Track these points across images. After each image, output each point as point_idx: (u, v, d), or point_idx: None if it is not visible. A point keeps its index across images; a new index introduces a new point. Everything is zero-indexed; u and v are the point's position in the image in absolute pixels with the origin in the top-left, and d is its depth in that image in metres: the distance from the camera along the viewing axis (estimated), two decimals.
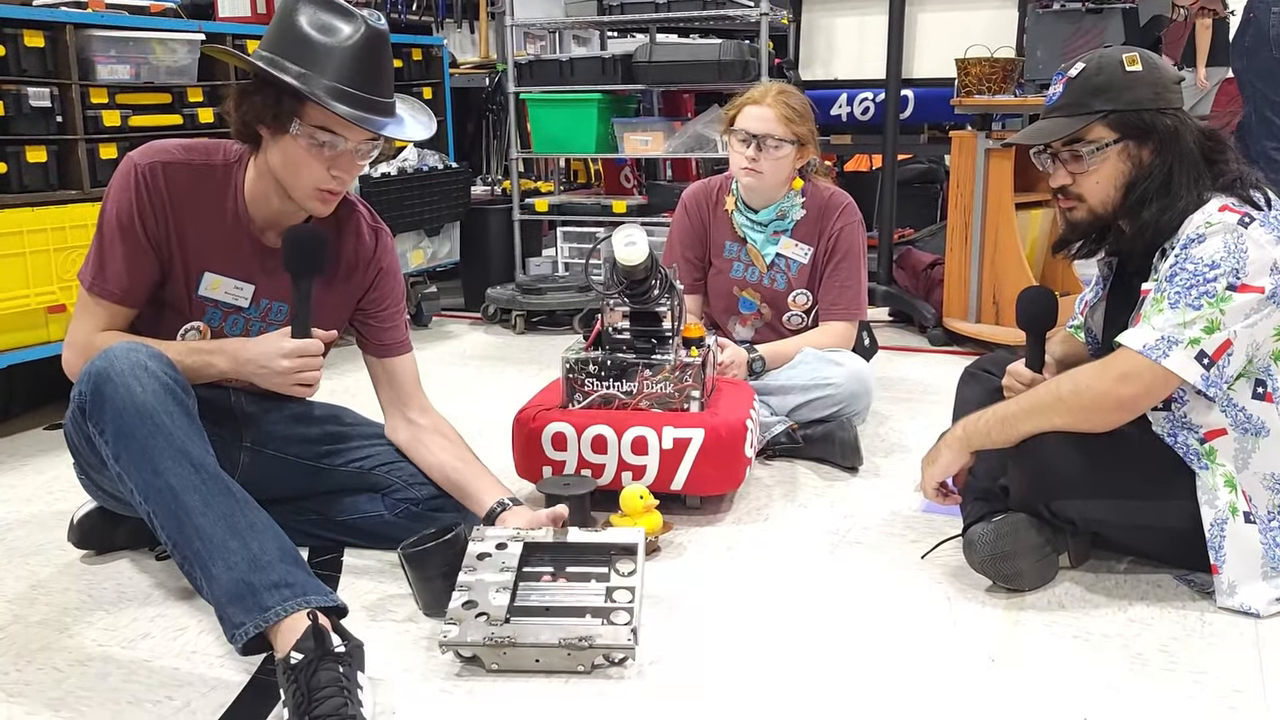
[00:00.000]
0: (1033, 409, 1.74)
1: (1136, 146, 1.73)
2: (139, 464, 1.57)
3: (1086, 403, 1.68)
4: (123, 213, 1.76)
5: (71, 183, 2.80)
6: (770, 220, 2.67)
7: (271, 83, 1.67)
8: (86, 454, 1.76)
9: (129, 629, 1.72)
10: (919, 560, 1.92)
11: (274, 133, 1.72)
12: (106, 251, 1.77)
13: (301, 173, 1.72)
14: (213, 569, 1.51)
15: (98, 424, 1.61)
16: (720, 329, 2.81)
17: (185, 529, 1.53)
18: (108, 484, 1.77)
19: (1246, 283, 1.61)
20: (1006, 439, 1.76)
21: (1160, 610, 1.72)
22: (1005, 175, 3.43)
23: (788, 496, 2.26)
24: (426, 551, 1.69)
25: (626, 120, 4.29)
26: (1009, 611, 1.73)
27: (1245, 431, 1.68)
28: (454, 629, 1.57)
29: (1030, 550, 1.76)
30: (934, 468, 1.85)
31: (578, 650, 1.55)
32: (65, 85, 2.76)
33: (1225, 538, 1.67)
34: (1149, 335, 1.64)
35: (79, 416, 1.65)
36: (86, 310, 1.79)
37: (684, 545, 2.01)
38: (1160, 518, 1.72)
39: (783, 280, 2.69)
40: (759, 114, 2.55)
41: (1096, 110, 1.73)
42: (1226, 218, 1.63)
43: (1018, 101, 3.49)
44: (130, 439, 1.57)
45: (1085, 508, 1.74)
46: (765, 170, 2.57)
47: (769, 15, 3.91)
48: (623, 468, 2.09)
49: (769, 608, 1.77)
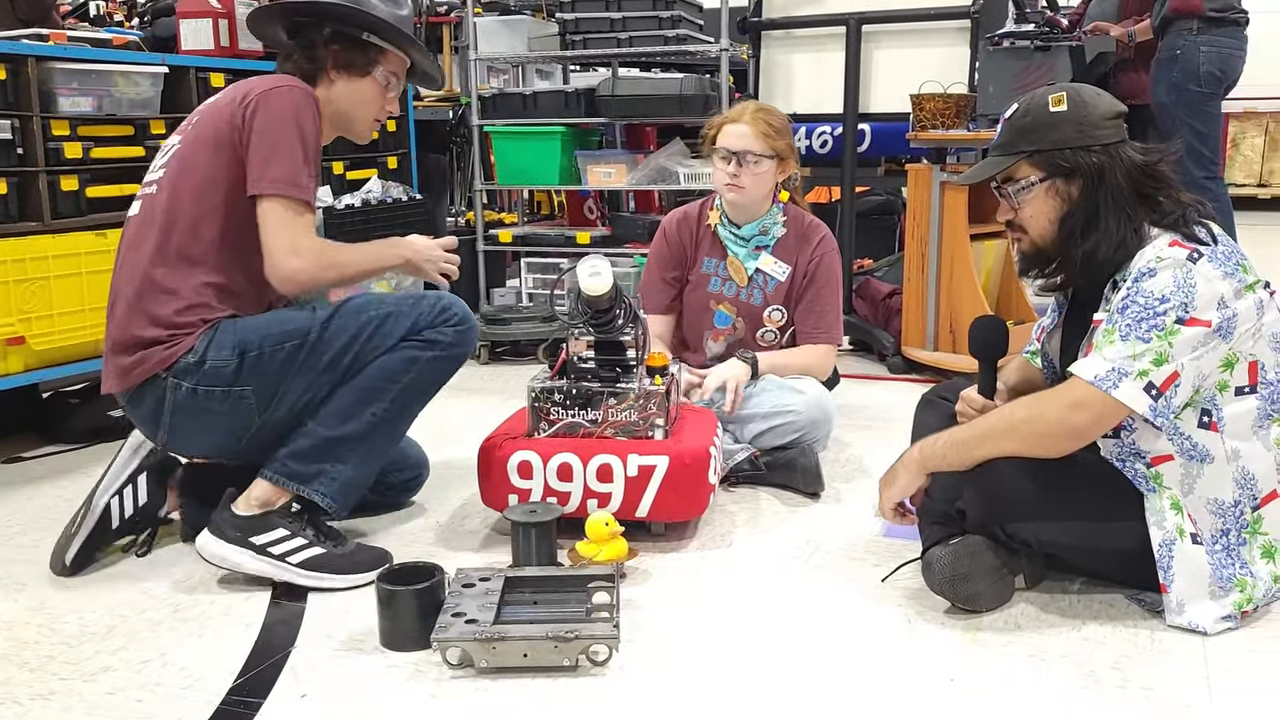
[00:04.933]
0: (987, 434, 1.78)
1: (1064, 183, 1.79)
2: (418, 398, 2.05)
3: (1039, 429, 1.73)
4: (316, 131, 2.01)
5: (32, 214, 2.78)
6: (753, 235, 2.74)
7: (381, 33, 2.08)
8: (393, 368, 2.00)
9: (91, 662, 1.71)
10: (880, 583, 1.95)
11: (353, 75, 2.10)
12: (307, 163, 1.97)
13: (369, 108, 2.14)
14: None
15: (446, 357, 2.03)
16: (689, 347, 2.85)
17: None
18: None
19: (1194, 316, 1.66)
20: (961, 462, 1.81)
21: (1112, 629, 1.76)
22: (960, 207, 3.51)
23: (751, 522, 2.29)
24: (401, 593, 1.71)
25: (590, 153, 4.33)
26: (967, 632, 1.77)
27: (1191, 458, 1.73)
28: (446, 630, 1.62)
29: (987, 572, 1.80)
30: (891, 489, 1.89)
31: (564, 643, 1.60)
32: (26, 117, 2.75)
33: (1173, 558, 1.72)
34: (1100, 366, 1.69)
35: (427, 337, 1.99)
36: (300, 217, 1.95)
37: (649, 571, 2.04)
38: (1110, 539, 1.77)
39: (759, 296, 2.75)
40: (738, 131, 2.65)
41: (1021, 150, 1.80)
42: (1176, 253, 1.68)
43: (970, 136, 3.58)
44: (434, 381, 2.06)
45: (1039, 530, 1.78)
46: (747, 185, 2.65)
47: (729, 51, 3.98)
48: (588, 495, 2.11)
49: (733, 631, 1.79)
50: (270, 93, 1.98)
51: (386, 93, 2.15)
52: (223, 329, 1.94)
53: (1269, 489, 1.76)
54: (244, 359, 1.92)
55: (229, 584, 2.00)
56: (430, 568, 1.77)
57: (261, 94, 1.97)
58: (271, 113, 1.96)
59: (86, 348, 2.86)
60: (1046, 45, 4.12)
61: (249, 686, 1.63)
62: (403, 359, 1.98)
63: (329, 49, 2.08)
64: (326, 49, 2.08)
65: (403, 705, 1.57)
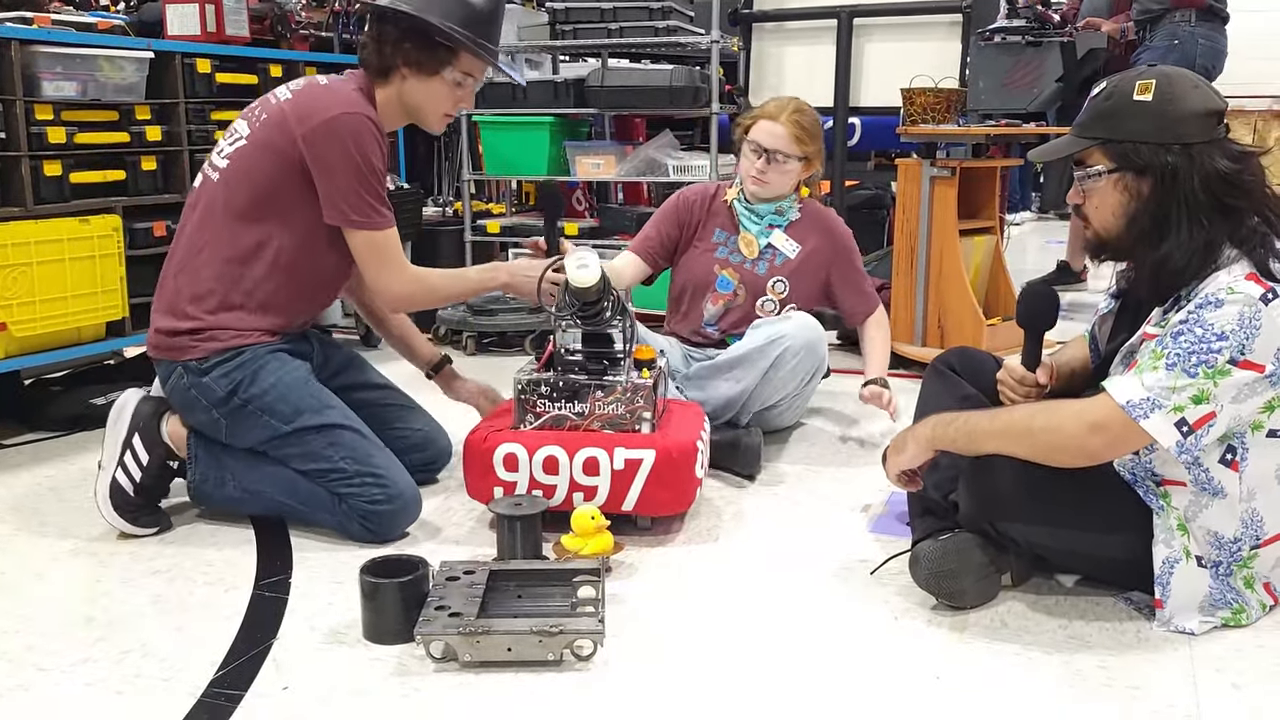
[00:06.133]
0: (1001, 432, 1.72)
1: (1135, 179, 1.66)
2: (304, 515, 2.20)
3: (1055, 442, 1.65)
4: (379, 153, 2.09)
5: (14, 199, 2.74)
6: (767, 214, 2.82)
7: (441, 38, 2.11)
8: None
9: (70, 653, 1.69)
10: (867, 577, 1.95)
11: (423, 74, 2.14)
12: (375, 189, 2.09)
13: (439, 105, 2.19)
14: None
15: (346, 525, 2.13)
16: (680, 304, 2.90)
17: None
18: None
19: (1250, 359, 1.55)
20: (970, 451, 1.77)
21: (1099, 628, 1.76)
22: (950, 203, 3.51)
23: (737, 517, 2.29)
24: (384, 586, 1.70)
25: (578, 144, 4.31)
26: (954, 629, 1.76)
27: (1203, 490, 1.67)
28: (429, 624, 1.61)
29: (974, 569, 1.79)
30: (899, 457, 1.87)
31: (549, 637, 1.59)
32: (9, 101, 2.71)
33: (1174, 575, 1.70)
34: (1135, 391, 1.59)
35: (353, 510, 2.10)
36: (393, 244, 2.14)
37: (635, 565, 2.03)
38: (1102, 548, 1.75)
39: (764, 267, 2.80)
40: (773, 130, 2.72)
41: (1095, 136, 1.69)
42: (1250, 288, 1.56)
43: (961, 131, 3.57)
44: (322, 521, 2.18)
45: (1028, 532, 1.77)
46: (772, 182, 2.75)
47: (720, 43, 3.96)
48: (574, 489, 2.10)
49: (718, 626, 1.79)
50: (330, 123, 2.05)
51: (457, 90, 2.19)
52: (241, 361, 2.10)
53: (1273, 532, 1.70)
54: (232, 397, 2.09)
55: (210, 575, 1.98)
56: (414, 560, 1.76)
57: (321, 124, 2.05)
58: (334, 146, 2.04)
59: (68, 335, 2.84)
60: (1038, 41, 4.11)
61: (230, 679, 1.61)
62: (326, 502, 2.12)
63: (399, 47, 2.13)
64: (397, 47, 2.13)
65: (385, 699, 1.56)
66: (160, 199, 3.11)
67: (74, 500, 2.31)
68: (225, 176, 2.13)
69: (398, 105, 2.19)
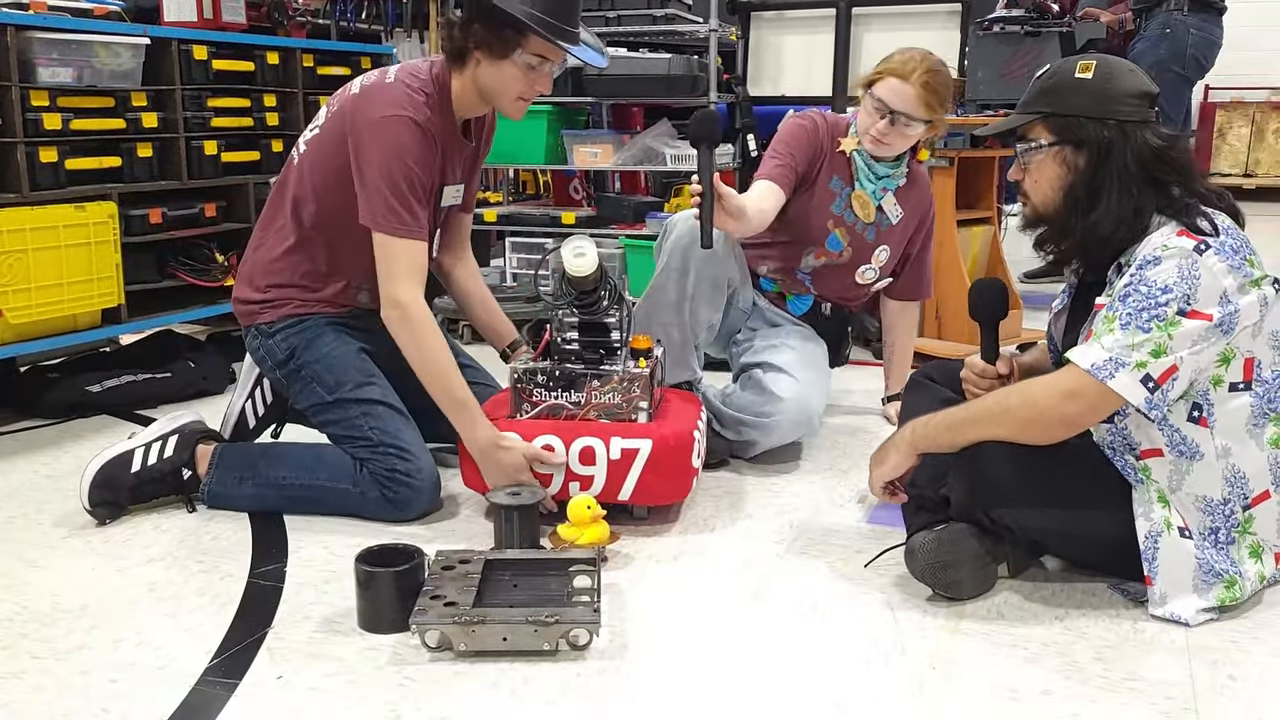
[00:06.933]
0: (979, 417, 1.76)
1: (1073, 152, 1.75)
2: (317, 505, 2.24)
3: (1032, 415, 1.70)
4: (423, 169, 2.09)
5: (10, 186, 2.73)
6: (885, 175, 2.65)
7: (508, 22, 2.04)
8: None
9: (64, 641, 1.69)
10: (863, 569, 1.95)
11: (494, 57, 2.09)
12: (413, 201, 2.08)
13: (512, 88, 2.13)
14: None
15: (364, 502, 2.19)
16: (774, 242, 2.65)
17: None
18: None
19: (1196, 309, 1.62)
20: (952, 444, 1.79)
21: (1095, 619, 1.76)
22: (948, 192, 3.50)
23: (734, 507, 2.28)
24: (380, 575, 1.70)
25: (576, 132, 4.29)
26: (950, 620, 1.76)
27: (1180, 454, 1.71)
28: (424, 613, 1.60)
29: (970, 559, 1.79)
30: (881, 468, 1.88)
31: (544, 626, 1.59)
32: (5, 87, 2.69)
33: (1159, 550, 1.72)
34: (1097, 354, 1.65)
35: (373, 478, 2.15)
36: (403, 256, 2.08)
37: (631, 555, 2.02)
38: (1094, 527, 1.77)
39: (873, 234, 2.67)
40: (902, 91, 2.48)
41: (1038, 110, 1.77)
42: (1183, 243, 1.64)
43: (959, 120, 3.56)
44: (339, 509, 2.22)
45: (1022, 516, 1.78)
46: (892, 144, 2.56)
47: (718, 31, 3.95)
48: (570, 478, 2.09)
49: (714, 616, 1.79)
50: (373, 125, 2.07)
51: (530, 74, 2.12)
52: (302, 328, 2.24)
53: (1261, 489, 1.73)
54: (289, 360, 2.24)
55: (205, 563, 1.98)
56: (410, 549, 1.75)
57: (365, 125, 2.08)
58: (371, 148, 2.07)
59: (64, 322, 2.83)
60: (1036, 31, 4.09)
61: (225, 667, 1.61)
62: (349, 470, 2.16)
63: (469, 29, 2.11)
64: (467, 29, 2.12)
65: (380, 688, 1.55)
66: (156, 186, 3.10)
67: (69, 488, 2.30)
68: (301, 161, 2.23)
69: (473, 91, 2.17)
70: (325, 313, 2.25)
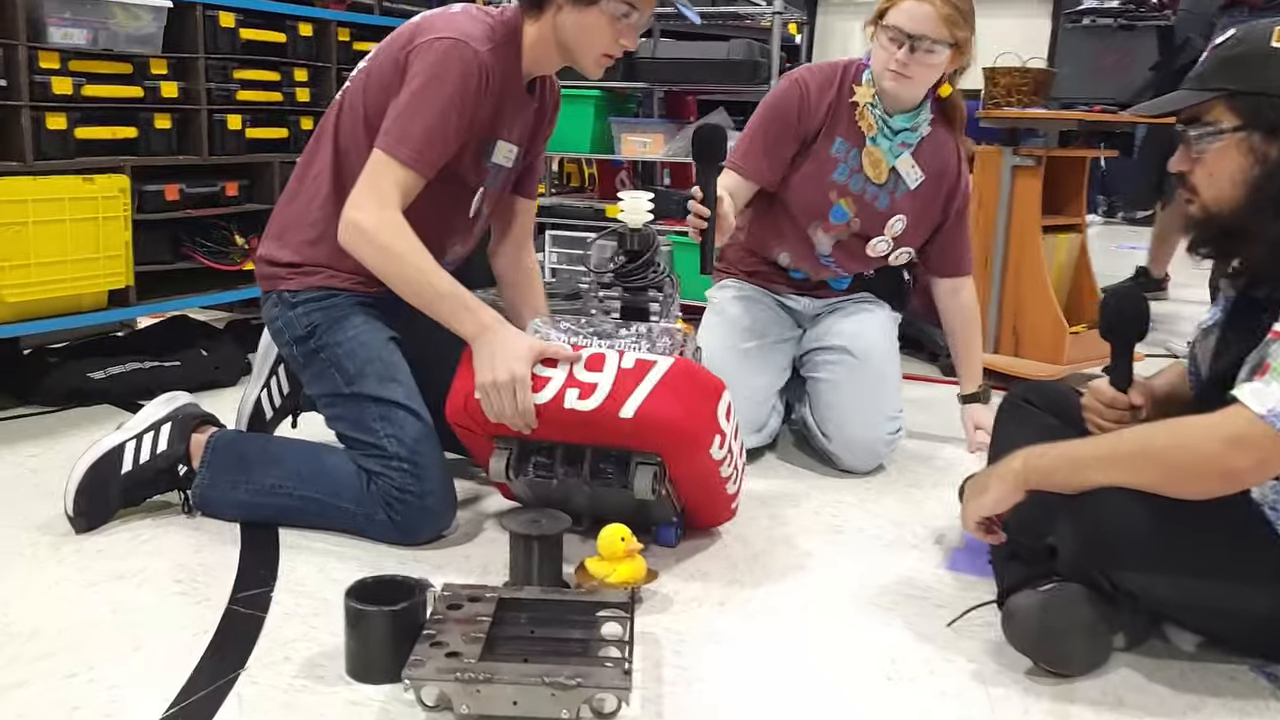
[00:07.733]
0: (1113, 457, 1.43)
1: (1263, 140, 1.42)
2: (313, 519, 2.00)
3: (1184, 463, 1.38)
4: (466, 101, 1.86)
5: (13, 153, 2.54)
6: (902, 129, 2.33)
7: None
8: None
9: (5, 673, 1.45)
10: (945, 629, 1.65)
11: (579, 3, 1.89)
12: (436, 132, 1.84)
13: (596, 41, 1.93)
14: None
15: (363, 521, 1.94)
16: (779, 236, 2.46)
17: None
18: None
19: None
20: (1072, 485, 1.47)
21: (1235, 708, 1.45)
22: (1033, 196, 3.19)
23: (790, 542, 2.00)
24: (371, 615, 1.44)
25: (625, 120, 4.06)
26: (1058, 703, 1.45)
27: None
28: (420, 665, 1.33)
29: (1082, 629, 1.48)
30: (979, 500, 1.56)
31: (563, 690, 1.31)
32: (12, 46, 2.50)
33: None
34: (1275, 397, 1.33)
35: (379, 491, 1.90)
36: (388, 177, 1.83)
37: (670, 598, 1.74)
38: (1241, 600, 1.45)
39: (885, 200, 2.37)
40: (917, 10, 2.19)
41: (1219, 88, 1.45)
42: None
43: (1050, 115, 3.25)
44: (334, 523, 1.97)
45: (1151, 583, 1.46)
46: (915, 76, 2.24)
47: (784, 14, 3.68)
48: (569, 384, 1.72)
49: (768, 680, 1.50)
50: (430, 43, 1.86)
51: (617, 24, 1.91)
52: (328, 305, 1.98)
53: None
54: (309, 338, 1.99)
55: (184, 583, 1.73)
56: (410, 583, 1.49)
57: (424, 43, 1.87)
58: (420, 65, 1.86)
59: (66, 302, 2.63)
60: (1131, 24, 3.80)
61: (183, 718, 1.36)
62: (354, 484, 1.91)
63: None
64: None
65: None
66: (174, 160, 2.92)
67: (53, 486, 2.06)
68: (342, 101, 2.01)
69: (551, 42, 1.95)
70: (357, 290, 1.98)
